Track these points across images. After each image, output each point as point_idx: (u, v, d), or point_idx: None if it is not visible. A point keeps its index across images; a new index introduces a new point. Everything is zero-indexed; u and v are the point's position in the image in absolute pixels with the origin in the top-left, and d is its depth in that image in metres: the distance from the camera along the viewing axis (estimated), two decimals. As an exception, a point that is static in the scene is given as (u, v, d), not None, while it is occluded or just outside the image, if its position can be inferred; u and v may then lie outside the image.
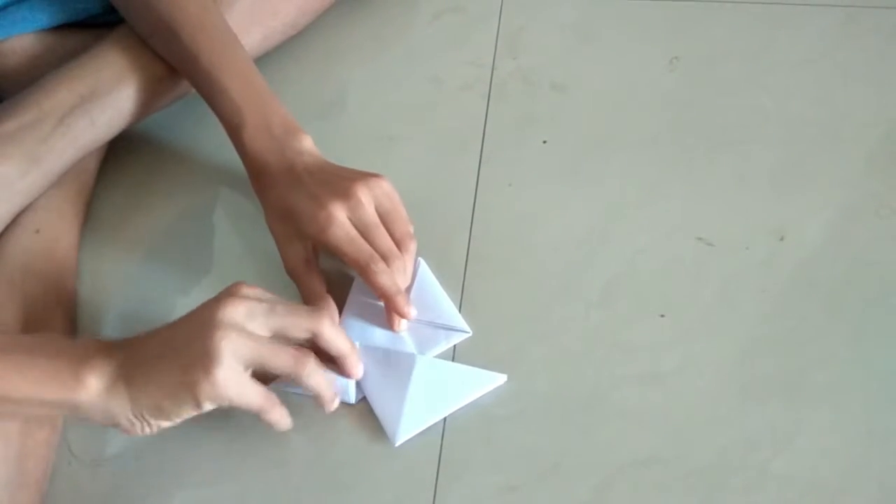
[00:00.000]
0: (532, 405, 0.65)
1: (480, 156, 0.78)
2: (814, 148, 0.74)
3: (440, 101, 0.82)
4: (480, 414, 0.65)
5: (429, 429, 0.64)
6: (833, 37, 0.80)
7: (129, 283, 0.75)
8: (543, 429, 0.64)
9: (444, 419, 0.65)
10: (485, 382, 0.65)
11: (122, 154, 0.81)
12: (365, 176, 0.67)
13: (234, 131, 0.70)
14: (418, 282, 0.69)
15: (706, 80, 0.79)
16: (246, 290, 0.59)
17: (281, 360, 0.58)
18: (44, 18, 0.77)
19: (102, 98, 0.72)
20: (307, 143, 0.69)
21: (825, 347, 0.65)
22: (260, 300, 0.59)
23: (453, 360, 0.67)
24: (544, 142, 0.78)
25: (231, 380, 0.56)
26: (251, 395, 0.58)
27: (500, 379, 0.65)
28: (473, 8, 0.87)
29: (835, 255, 0.69)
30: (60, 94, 0.71)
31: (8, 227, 0.71)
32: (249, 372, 0.58)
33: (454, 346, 0.67)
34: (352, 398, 0.65)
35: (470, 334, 0.68)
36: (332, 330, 0.60)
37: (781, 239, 0.70)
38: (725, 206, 0.72)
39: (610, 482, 0.61)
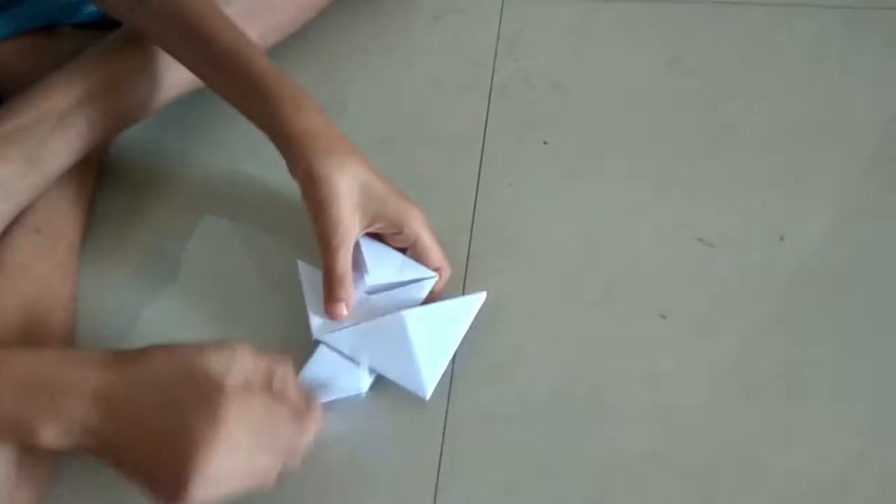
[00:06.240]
0: (532, 405, 0.65)
1: (481, 157, 0.78)
2: (813, 148, 0.75)
3: (441, 102, 0.82)
4: (480, 414, 0.65)
5: (428, 427, 0.64)
6: (832, 38, 0.81)
7: (130, 285, 0.74)
8: (544, 428, 0.64)
9: (445, 419, 0.65)
10: (471, 306, 0.67)
11: (123, 157, 0.81)
12: None
13: (298, 110, 0.67)
14: (366, 251, 0.68)
15: (706, 81, 0.80)
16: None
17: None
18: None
19: (100, 99, 0.72)
20: None
21: (825, 347, 0.65)
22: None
23: (454, 361, 0.67)
24: (545, 143, 0.78)
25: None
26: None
27: (481, 298, 0.68)
28: (474, 9, 0.87)
29: (835, 255, 0.69)
30: (58, 95, 0.71)
31: (8, 228, 0.71)
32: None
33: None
34: (365, 388, 0.66)
35: (436, 278, 0.67)
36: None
37: (781, 239, 0.70)
38: (725, 206, 0.72)
39: (610, 482, 0.61)
